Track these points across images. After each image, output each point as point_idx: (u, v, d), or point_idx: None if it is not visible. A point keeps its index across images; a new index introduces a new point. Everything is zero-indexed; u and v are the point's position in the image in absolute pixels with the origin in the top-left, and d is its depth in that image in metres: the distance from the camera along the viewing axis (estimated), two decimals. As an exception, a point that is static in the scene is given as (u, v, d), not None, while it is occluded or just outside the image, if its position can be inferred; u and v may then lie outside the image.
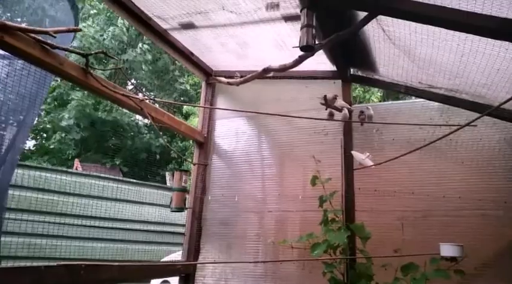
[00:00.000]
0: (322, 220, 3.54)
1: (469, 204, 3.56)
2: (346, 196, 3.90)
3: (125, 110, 13.41)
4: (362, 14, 2.94)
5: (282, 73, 3.81)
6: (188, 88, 16.57)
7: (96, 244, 7.81)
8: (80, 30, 3.02)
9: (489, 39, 2.46)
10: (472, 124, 2.69)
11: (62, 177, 7.44)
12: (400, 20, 2.85)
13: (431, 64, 3.34)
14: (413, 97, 4.18)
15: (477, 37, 2.50)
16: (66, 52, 2.86)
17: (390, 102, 8.02)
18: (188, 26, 3.76)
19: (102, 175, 8.70)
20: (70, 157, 14.82)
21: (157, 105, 4.17)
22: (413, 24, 2.82)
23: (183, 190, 4.51)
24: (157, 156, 16.47)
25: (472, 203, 3.55)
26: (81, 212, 7.55)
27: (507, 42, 2.41)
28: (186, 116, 15.00)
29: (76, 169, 11.58)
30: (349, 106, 3.97)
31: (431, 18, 2.60)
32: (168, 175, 15.78)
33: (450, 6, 2.41)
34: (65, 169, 8.90)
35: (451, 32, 2.63)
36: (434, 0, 2.45)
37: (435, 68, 3.38)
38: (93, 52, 2.96)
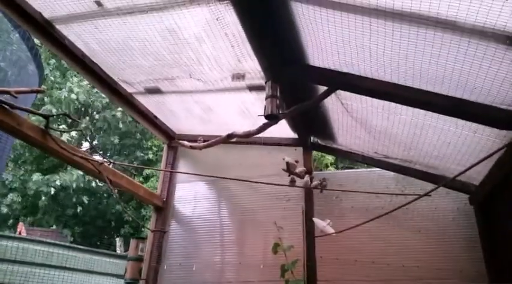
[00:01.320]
0: (283, 291, 3.43)
1: (428, 273, 3.60)
2: (308, 265, 3.83)
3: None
4: (323, 88, 3.12)
5: (245, 139, 3.90)
6: (151, 157, 16.29)
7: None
8: (43, 91, 2.98)
9: (440, 115, 2.67)
10: (428, 194, 2.81)
11: (2, 242, 6.82)
12: (357, 95, 3.06)
13: (387, 136, 3.54)
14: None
15: (429, 112, 2.70)
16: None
17: (347, 170, 8.25)
18: (154, 91, 3.81)
19: (49, 240, 8.09)
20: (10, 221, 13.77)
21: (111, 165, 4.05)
22: (369, 98, 3.02)
23: (139, 260, 4.25)
24: (113, 223, 15.59)
25: (430, 272, 3.59)
26: (24, 282, 6.86)
27: (456, 118, 2.62)
28: (146, 178, 14.58)
29: (20, 233, 10.70)
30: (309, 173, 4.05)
31: (385, 94, 2.82)
32: (118, 241, 14.89)
33: (404, 84, 2.62)
34: (6, 233, 8.20)
35: (405, 107, 2.83)
36: (389, 78, 2.66)
37: (390, 139, 3.58)
38: (54, 114, 2.90)
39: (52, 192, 12.86)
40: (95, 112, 14.86)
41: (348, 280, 3.79)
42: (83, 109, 13.71)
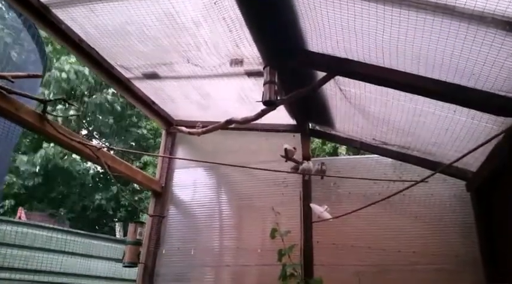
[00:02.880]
0: (280, 275, 3.47)
1: (423, 258, 3.64)
2: (305, 250, 3.88)
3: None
4: (321, 74, 3.11)
5: (244, 125, 3.89)
6: (145, 132, 16.23)
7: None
8: (41, 76, 2.97)
9: (439, 101, 2.67)
10: (425, 180, 2.82)
11: (2, 227, 6.87)
12: (355, 81, 3.05)
13: (385, 122, 3.54)
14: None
15: (427, 99, 2.70)
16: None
17: (346, 156, 8.28)
18: (152, 76, 3.79)
19: (48, 225, 8.13)
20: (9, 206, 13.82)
21: (112, 152, 4.06)
22: (367, 84, 3.01)
23: (138, 244, 4.28)
24: (110, 210, 15.62)
25: (426, 257, 3.64)
26: (23, 265, 6.92)
27: (454, 105, 2.62)
28: (144, 165, 14.60)
29: (19, 218, 10.76)
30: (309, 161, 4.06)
31: (384, 80, 2.81)
32: (117, 226, 14.97)
33: (403, 70, 2.61)
34: (6, 218, 8.24)
35: (403, 93, 2.83)
36: (389, 64, 2.65)
37: (388, 125, 3.58)
38: (52, 98, 2.89)
39: (37, 170, 12.87)
40: (85, 94, 14.56)
41: (344, 264, 3.83)
42: (72, 92, 13.47)
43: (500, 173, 2.97)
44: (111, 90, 14.00)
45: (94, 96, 14.20)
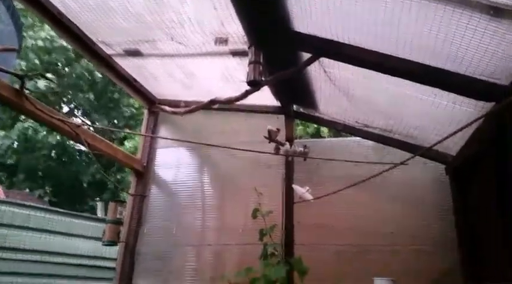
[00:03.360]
0: (261, 254, 3.51)
1: (402, 239, 3.74)
2: (286, 230, 3.93)
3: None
4: (307, 55, 3.09)
5: (228, 105, 3.86)
6: (135, 111, 15.92)
7: (18, 279, 7.06)
8: (16, 50, 2.86)
9: (421, 85, 2.68)
10: (405, 163, 2.86)
11: (-20, 205, 6.75)
12: (340, 63, 3.04)
13: (367, 104, 3.56)
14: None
15: (410, 82, 2.71)
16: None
17: (329, 139, 8.33)
18: (134, 53, 3.70)
19: (27, 203, 8.02)
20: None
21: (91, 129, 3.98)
22: (352, 67, 3.01)
23: (118, 223, 4.26)
24: (85, 185, 15.42)
25: (405, 239, 3.73)
26: (2, 243, 6.84)
27: (437, 89, 2.64)
28: (124, 138, 14.33)
29: (-2, 196, 10.58)
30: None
31: (368, 62, 2.81)
32: (99, 205, 14.88)
33: (386, 53, 2.61)
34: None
35: (386, 76, 2.83)
36: (373, 46, 2.64)
37: (370, 108, 3.61)
38: (29, 74, 2.80)
39: (15, 145, 12.60)
40: (60, 65, 14.02)
41: (324, 244, 3.91)
42: (50, 67, 13.03)
43: (478, 157, 3.04)
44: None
45: (70, 68, 13.68)
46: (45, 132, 13.15)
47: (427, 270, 3.58)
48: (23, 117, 12.96)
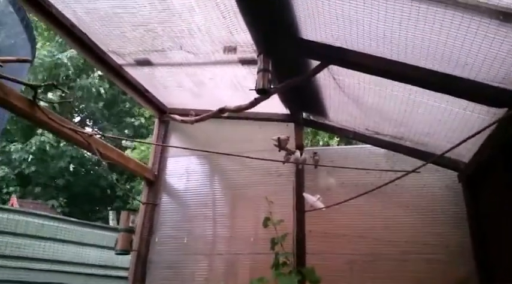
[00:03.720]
0: (273, 263, 3.49)
1: (415, 248, 3.68)
2: (298, 239, 3.90)
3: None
4: (315, 63, 3.09)
5: (237, 114, 3.88)
6: (143, 121, 16.08)
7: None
8: (30, 61, 2.92)
9: (432, 91, 2.66)
10: (417, 171, 2.83)
11: (-6, 214, 6.83)
12: (349, 70, 3.03)
13: (378, 112, 3.53)
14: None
15: (421, 89, 2.69)
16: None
17: (340, 146, 8.31)
18: (144, 63, 3.75)
19: (40, 212, 8.10)
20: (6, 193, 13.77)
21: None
22: (361, 74, 3.00)
23: (130, 231, 4.28)
24: (97, 195, 15.61)
25: (417, 247, 3.67)
26: (15, 253, 6.91)
27: (447, 95, 2.62)
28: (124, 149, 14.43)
29: (12, 205, 10.73)
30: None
31: (377, 70, 2.79)
32: (111, 214, 14.98)
33: (396, 59, 2.60)
34: (-2, 205, 8.21)
35: (396, 83, 2.82)
36: (382, 53, 2.63)
37: (381, 116, 3.58)
38: (42, 84, 2.85)
39: (29, 158, 12.85)
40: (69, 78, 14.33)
41: (336, 253, 3.86)
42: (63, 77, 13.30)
43: (491, 164, 2.99)
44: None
45: (77, 82, 13.97)
46: (62, 144, 13.36)
47: (441, 279, 3.51)
48: (40, 130, 13.23)
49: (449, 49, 2.23)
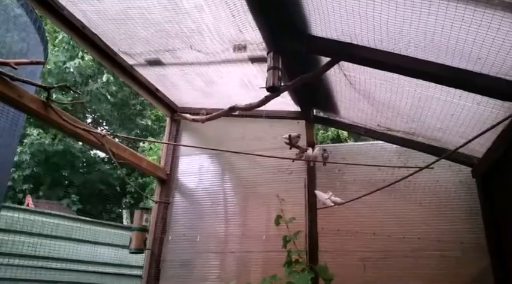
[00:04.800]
0: (286, 261, 3.49)
1: (428, 245, 3.64)
2: (310, 236, 3.89)
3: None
4: (325, 59, 3.07)
5: (248, 112, 3.88)
6: (150, 123, 16.28)
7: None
8: (43, 63, 2.96)
9: (444, 86, 2.63)
10: (430, 167, 2.80)
11: (9, 214, 6.96)
12: (360, 66, 3.01)
13: (390, 108, 3.50)
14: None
15: (433, 84, 2.66)
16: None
17: (351, 143, 8.26)
18: (155, 63, 3.77)
19: (55, 212, 8.23)
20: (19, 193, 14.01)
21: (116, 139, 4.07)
22: (372, 70, 2.97)
23: (144, 230, 4.32)
24: (117, 189, 15.78)
25: (431, 244, 3.64)
26: (31, 252, 7.04)
27: (460, 90, 2.58)
28: (141, 151, 14.60)
29: (27, 205, 10.91)
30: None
31: (389, 65, 2.77)
32: (125, 213, 15.12)
33: (407, 55, 2.57)
34: (14, 205, 8.34)
35: (408, 78, 2.79)
36: (393, 48, 2.61)
37: (393, 111, 3.54)
38: (55, 85, 2.89)
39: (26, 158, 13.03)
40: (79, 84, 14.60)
41: (348, 250, 3.85)
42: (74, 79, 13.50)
43: (506, 158, 2.94)
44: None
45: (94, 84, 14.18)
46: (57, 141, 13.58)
47: (455, 276, 3.48)
48: (28, 130, 13.56)
49: (462, 43, 2.20)
